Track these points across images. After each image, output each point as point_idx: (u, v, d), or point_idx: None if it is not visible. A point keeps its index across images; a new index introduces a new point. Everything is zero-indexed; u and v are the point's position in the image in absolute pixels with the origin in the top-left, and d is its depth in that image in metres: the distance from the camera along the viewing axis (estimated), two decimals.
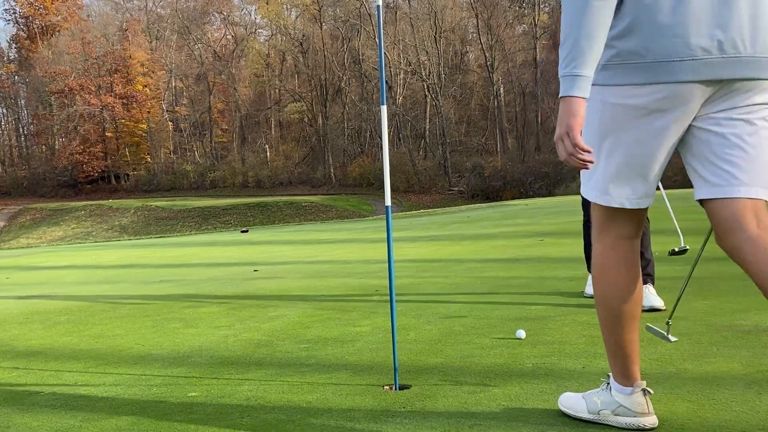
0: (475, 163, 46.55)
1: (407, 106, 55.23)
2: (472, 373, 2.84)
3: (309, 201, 46.52)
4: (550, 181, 42.39)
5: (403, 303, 4.77)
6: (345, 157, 56.17)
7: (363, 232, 14.53)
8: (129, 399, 2.86)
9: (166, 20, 66.34)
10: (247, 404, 2.66)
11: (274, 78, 62.12)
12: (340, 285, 6.08)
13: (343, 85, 57.24)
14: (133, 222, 45.88)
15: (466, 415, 2.32)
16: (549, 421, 2.22)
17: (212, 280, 7.50)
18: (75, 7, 68.55)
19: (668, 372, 2.65)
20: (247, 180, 56.48)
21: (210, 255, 11.55)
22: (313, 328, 4.11)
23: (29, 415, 2.74)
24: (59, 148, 63.32)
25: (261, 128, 64.32)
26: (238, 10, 66.90)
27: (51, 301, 6.57)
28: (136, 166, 63.02)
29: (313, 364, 3.22)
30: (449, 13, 55.59)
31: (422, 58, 52.80)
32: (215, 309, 5.19)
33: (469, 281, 5.72)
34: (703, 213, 1.93)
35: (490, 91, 54.49)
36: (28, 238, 42.88)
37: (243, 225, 34.42)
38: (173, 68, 63.65)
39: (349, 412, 2.47)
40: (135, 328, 4.62)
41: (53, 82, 60.04)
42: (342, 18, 56.00)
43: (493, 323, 3.85)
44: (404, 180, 49.09)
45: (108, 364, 3.57)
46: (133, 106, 61.65)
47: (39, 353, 4.01)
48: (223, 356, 3.55)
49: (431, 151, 53.40)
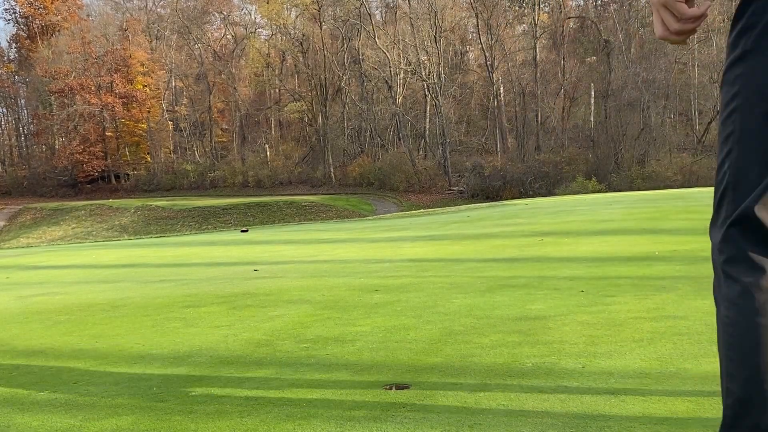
0: (475, 163, 46.57)
1: (407, 105, 55.26)
2: (472, 373, 2.84)
3: (309, 201, 46.53)
4: (550, 181, 42.42)
5: (403, 303, 4.77)
6: (345, 156, 56.19)
7: (363, 231, 14.52)
8: (129, 399, 2.85)
9: (166, 20, 66.35)
10: (247, 404, 2.66)
11: (274, 78, 62.13)
12: (340, 285, 6.08)
13: (343, 84, 57.25)
14: (133, 222, 45.87)
15: (466, 415, 2.32)
16: (549, 421, 2.21)
17: (212, 279, 7.50)
18: (75, 6, 68.56)
19: (668, 372, 2.65)
20: (247, 180, 56.49)
21: (210, 255, 11.55)
22: (313, 328, 4.10)
23: (29, 415, 2.74)
24: (59, 147, 63.33)
25: (261, 128, 64.35)
26: (238, 9, 66.97)
27: (51, 301, 6.57)
28: (136, 166, 63.04)
29: (313, 364, 3.21)
30: (449, 13, 55.62)
31: (422, 57, 52.80)
32: (215, 309, 5.19)
33: (469, 281, 5.72)
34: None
35: (490, 91, 54.53)
36: (28, 237, 42.87)
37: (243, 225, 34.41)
38: (173, 68, 63.65)
39: (349, 412, 2.47)
40: (135, 328, 4.61)
41: (53, 82, 60.04)
42: (342, 18, 55.98)
43: (493, 323, 3.85)
44: (404, 180, 49.11)
45: (108, 364, 3.57)
46: (133, 106, 61.66)
47: (39, 353, 4.01)
48: (223, 356, 3.54)
49: (431, 151, 53.42)
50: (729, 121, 1.32)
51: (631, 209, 13.20)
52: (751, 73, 1.28)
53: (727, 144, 1.32)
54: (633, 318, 3.67)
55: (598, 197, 22.76)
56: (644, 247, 7.06)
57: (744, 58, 1.29)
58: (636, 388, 2.48)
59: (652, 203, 15.04)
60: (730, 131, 1.31)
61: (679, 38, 1.35)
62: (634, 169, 41.29)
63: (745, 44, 1.29)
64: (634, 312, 3.83)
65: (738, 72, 1.30)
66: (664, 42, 1.48)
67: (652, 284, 4.73)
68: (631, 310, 3.90)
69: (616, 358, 2.90)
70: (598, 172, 41.87)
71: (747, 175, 1.28)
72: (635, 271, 5.45)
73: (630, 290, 4.57)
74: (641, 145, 43.74)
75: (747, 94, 1.28)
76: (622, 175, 40.89)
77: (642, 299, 4.20)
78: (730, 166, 1.31)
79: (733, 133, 1.30)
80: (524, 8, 55.12)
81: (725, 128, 1.33)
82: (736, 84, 1.30)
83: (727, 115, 1.32)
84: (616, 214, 12.47)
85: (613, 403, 2.34)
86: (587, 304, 4.17)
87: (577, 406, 2.34)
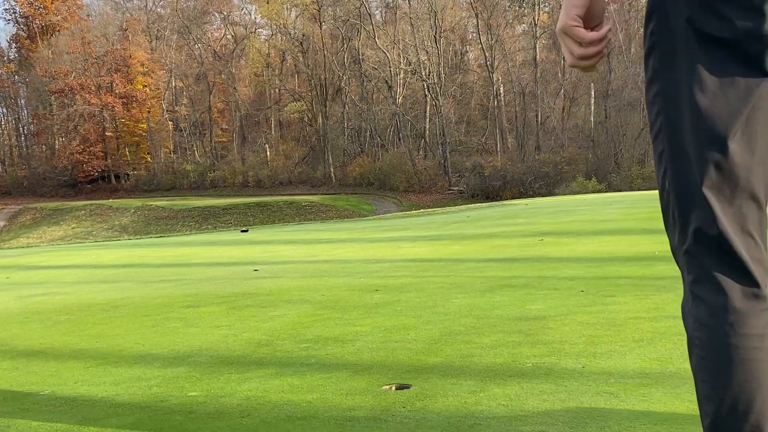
0: (475, 163, 46.58)
1: (407, 105, 55.27)
2: (472, 373, 2.84)
3: (309, 201, 46.53)
4: (550, 181, 42.44)
5: (403, 303, 4.77)
6: (345, 156, 56.21)
7: (363, 231, 14.52)
8: (129, 399, 2.85)
9: (166, 20, 66.36)
10: (247, 404, 2.66)
11: (274, 78, 62.15)
12: (340, 285, 6.08)
13: (343, 84, 57.26)
14: (133, 222, 45.87)
15: (466, 415, 2.32)
16: (549, 420, 2.21)
17: (212, 279, 7.50)
18: (75, 6, 68.57)
19: (668, 372, 2.65)
20: (247, 180, 56.50)
21: (210, 255, 11.54)
22: (313, 328, 4.10)
23: (29, 415, 2.74)
24: (59, 147, 63.33)
25: (261, 128, 64.37)
26: (238, 9, 66.96)
27: (51, 301, 6.57)
28: (136, 166, 63.05)
29: (313, 364, 3.21)
30: (449, 13, 55.63)
31: (422, 57, 52.82)
32: (215, 309, 5.19)
33: (469, 281, 5.72)
34: None
35: (490, 91, 54.54)
36: (28, 237, 42.86)
37: (243, 225, 34.41)
38: (173, 68, 63.66)
39: (349, 412, 2.47)
40: (135, 328, 4.61)
41: (53, 82, 60.04)
42: (342, 18, 56.00)
43: (493, 323, 3.85)
44: (404, 180, 49.13)
45: (108, 364, 3.57)
46: (133, 106, 61.67)
47: (39, 353, 4.00)
48: (223, 356, 3.54)
49: (431, 151, 53.43)
50: (658, 141, 1.31)
51: (631, 209, 13.20)
52: (666, 91, 1.28)
53: (662, 164, 1.31)
54: (633, 318, 3.67)
55: (598, 197, 22.76)
56: (644, 247, 7.06)
57: (656, 77, 1.29)
58: (636, 388, 2.48)
59: (652, 203, 15.04)
60: (661, 150, 1.31)
61: (587, 63, 1.34)
62: (634, 169, 41.28)
63: (654, 64, 1.29)
64: (634, 312, 3.83)
65: (654, 92, 1.30)
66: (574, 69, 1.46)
67: (652, 284, 4.73)
68: (631, 310, 3.90)
69: (616, 358, 2.90)
70: (598, 172, 41.88)
71: (687, 189, 1.27)
72: (635, 271, 5.45)
73: (630, 290, 4.57)
74: (641, 145, 43.71)
75: (668, 113, 1.28)
76: (622, 175, 40.90)
77: (642, 299, 4.20)
78: (670, 184, 1.30)
79: (664, 152, 1.30)
80: (524, 8, 55.14)
81: (656, 148, 1.32)
82: (656, 104, 1.30)
83: (654, 136, 1.32)
84: (616, 214, 12.47)
85: (613, 403, 2.34)
86: (587, 304, 4.17)
87: (577, 406, 2.34)
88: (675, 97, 1.26)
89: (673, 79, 1.26)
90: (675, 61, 1.26)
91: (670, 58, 1.26)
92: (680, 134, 1.26)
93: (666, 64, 1.27)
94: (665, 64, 1.28)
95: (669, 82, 1.27)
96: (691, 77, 1.23)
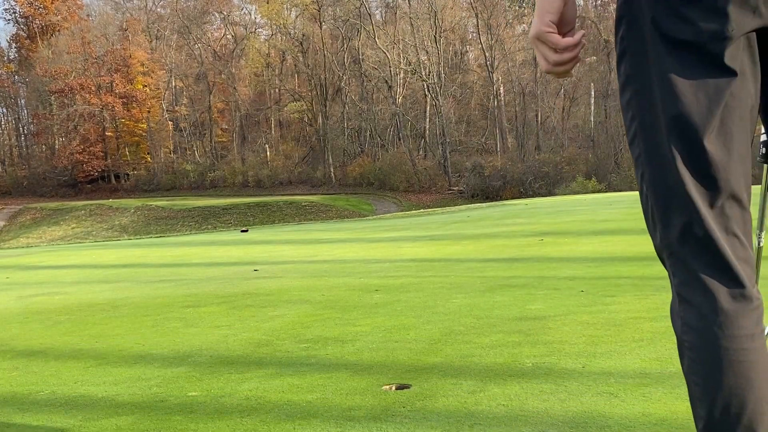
0: (475, 163, 46.56)
1: (407, 105, 55.25)
2: (472, 373, 2.84)
3: (309, 201, 46.52)
4: (550, 181, 42.43)
5: (403, 303, 4.77)
6: (345, 156, 56.20)
7: (363, 231, 14.52)
8: (129, 399, 2.85)
9: (166, 20, 66.35)
10: (247, 404, 2.66)
11: (274, 77, 62.12)
12: (340, 285, 6.08)
13: (343, 84, 57.24)
14: (133, 222, 45.86)
15: (466, 415, 2.32)
16: (549, 420, 2.21)
17: (212, 279, 7.50)
18: (75, 6, 68.54)
19: (668, 372, 2.65)
20: (247, 180, 56.49)
21: (210, 255, 11.54)
22: (313, 328, 4.10)
23: (29, 415, 2.74)
24: (59, 147, 63.30)
25: (261, 128, 64.34)
26: (238, 9, 66.92)
27: (51, 301, 6.57)
28: (136, 166, 63.01)
29: (313, 364, 3.21)
30: (449, 13, 55.60)
31: (422, 57, 52.81)
32: (215, 309, 5.19)
33: (468, 281, 5.72)
34: None
35: (490, 91, 54.52)
36: (28, 237, 42.86)
37: (243, 224, 34.40)
38: (173, 68, 63.64)
39: (349, 412, 2.47)
40: (135, 328, 4.61)
41: (53, 82, 60.01)
42: (342, 18, 55.99)
43: (493, 323, 3.85)
44: (404, 180, 49.11)
45: (108, 363, 3.57)
46: (133, 106, 61.64)
47: (39, 353, 4.01)
48: (223, 356, 3.54)
49: (431, 151, 53.42)
50: (634, 145, 1.32)
51: (631, 209, 13.19)
52: (639, 95, 1.29)
53: (639, 167, 1.32)
54: (633, 318, 3.67)
55: (598, 197, 22.77)
56: (644, 247, 7.06)
57: (629, 82, 1.30)
58: (636, 388, 2.48)
59: None
60: (637, 154, 1.32)
61: (562, 69, 1.33)
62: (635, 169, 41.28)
63: (626, 69, 1.30)
64: (634, 312, 3.83)
65: (628, 96, 1.31)
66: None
67: (652, 284, 4.73)
68: (631, 310, 3.90)
69: (616, 358, 2.90)
70: (598, 172, 41.86)
71: (667, 192, 1.27)
72: (635, 271, 5.45)
73: (630, 290, 4.57)
74: None
75: (642, 117, 1.29)
76: (622, 175, 40.88)
77: (642, 299, 4.20)
78: (648, 188, 1.30)
79: (640, 155, 1.30)
80: (524, 8, 55.14)
81: (633, 152, 1.33)
82: (630, 109, 1.31)
83: (630, 141, 1.33)
84: (616, 214, 12.47)
85: (613, 403, 2.34)
86: (587, 304, 4.17)
87: (577, 406, 2.34)
88: (648, 101, 1.27)
89: (645, 84, 1.27)
90: (646, 66, 1.27)
91: (641, 62, 1.27)
92: (656, 138, 1.27)
93: (637, 69, 1.28)
94: (636, 69, 1.28)
95: (641, 87, 1.28)
96: (663, 80, 1.24)
